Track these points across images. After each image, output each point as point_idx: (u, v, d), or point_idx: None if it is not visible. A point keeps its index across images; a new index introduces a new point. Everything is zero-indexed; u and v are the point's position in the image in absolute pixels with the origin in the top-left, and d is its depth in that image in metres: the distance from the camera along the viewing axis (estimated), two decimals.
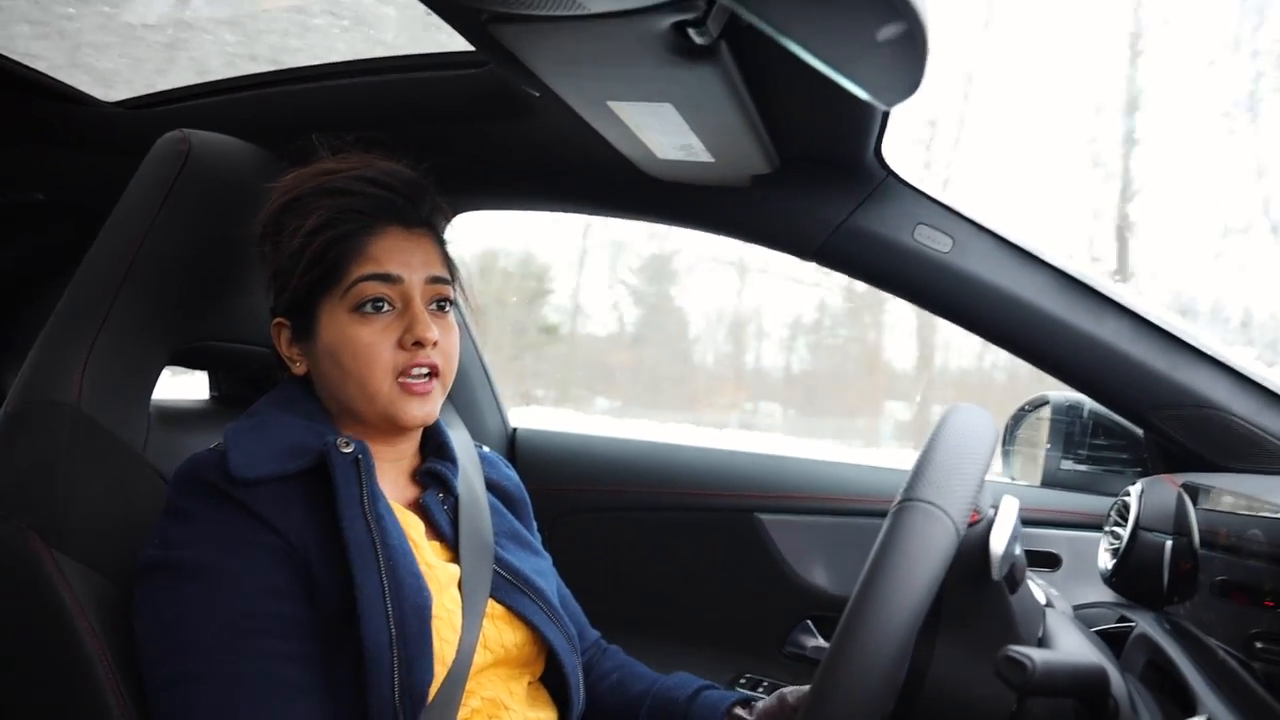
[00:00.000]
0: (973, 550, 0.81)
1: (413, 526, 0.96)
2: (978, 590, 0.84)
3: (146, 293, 1.03)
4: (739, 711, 1.03)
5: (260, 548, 0.85)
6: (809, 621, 1.55)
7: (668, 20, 0.73)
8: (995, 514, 0.83)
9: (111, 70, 1.39)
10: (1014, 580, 0.85)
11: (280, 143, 1.12)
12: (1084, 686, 0.74)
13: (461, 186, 1.41)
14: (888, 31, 0.48)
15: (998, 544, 0.80)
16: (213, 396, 1.36)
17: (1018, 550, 0.85)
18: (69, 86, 1.38)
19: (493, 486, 1.11)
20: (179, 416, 1.14)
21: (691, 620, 1.63)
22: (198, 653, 0.81)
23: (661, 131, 1.00)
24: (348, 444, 0.91)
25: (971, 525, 0.82)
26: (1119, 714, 0.78)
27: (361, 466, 0.90)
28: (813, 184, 1.23)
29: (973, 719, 0.83)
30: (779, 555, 1.56)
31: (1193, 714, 0.78)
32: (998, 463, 1.65)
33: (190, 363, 1.22)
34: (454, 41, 0.95)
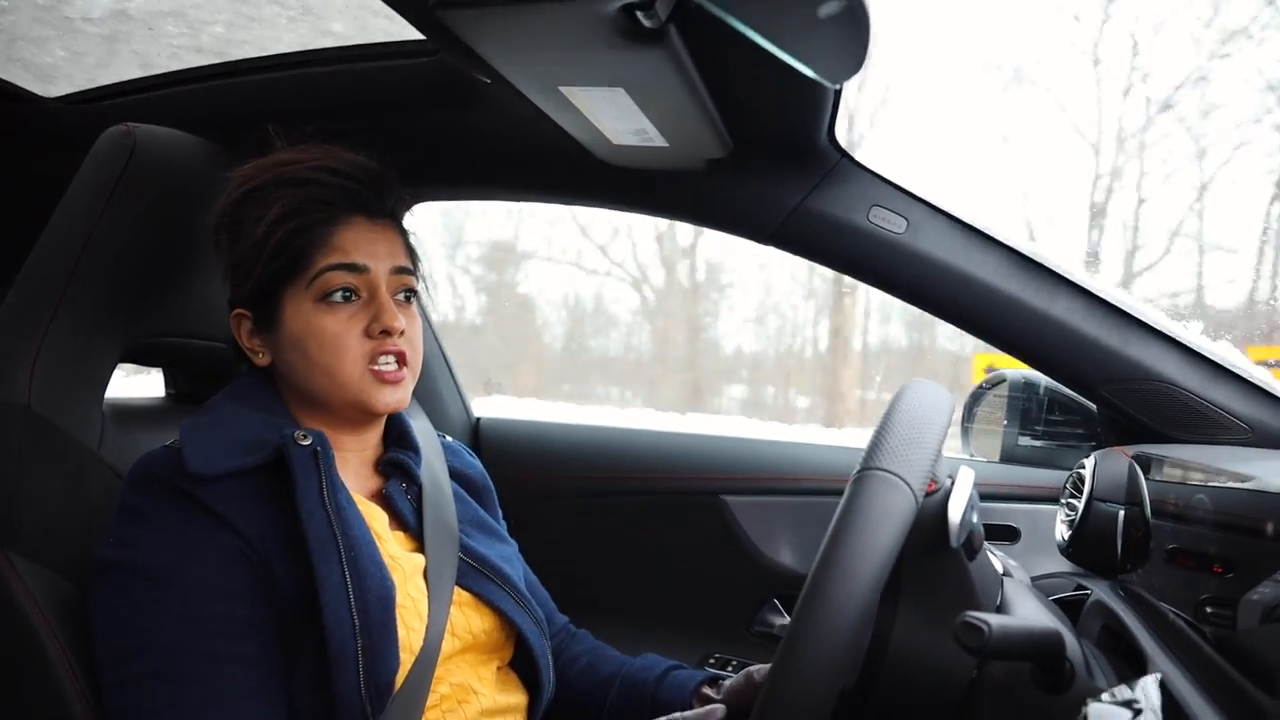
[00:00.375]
0: (931, 519, 0.83)
1: (375, 519, 0.96)
2: (937, 558, 0.86)
3: (95, 289, 1.02)
4: (706, 690, 1.05)
5: (216, 548, 0.85)
6: (776, 601, 1.56)
7: (616, 3, 0.73)
8: (952, 484, 0.85)
9: (50, 65, 1.36)
10: (972, 548, 0.87)
11: (229, 136, 1.11)
12: (1040, 650, 0.76)
13: (415, 176, 1.39)
14: (829, 8, 0.49)
15: (955, 512, 0.82)
16: (168, 394, 1.34)
17: (975, 519, 0.87)
18: (6, 82, 1.35)
19: (456, 475, 1.11)
20: (134, 414, 1.13)
21: (659, 603, 1.64)
22: (150, 655, 0.81)
23: (615, 116, 1.00)
24: (305, 436, 0.91)
25: (929, 494, 0.83)
26: (1075, 676, 0.80)
27: (320, 458, 0.90)
28: (767, 167, 1.24)
29: (935, 684, 0.84)
30: (744, 536, 1.57)
31: (1145, 675, 0.80)
32: (958, 440, 1.68)
33: (144, 360, 1.20)
34: (403, 30, 0.95)
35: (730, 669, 1.50)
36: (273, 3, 1.12)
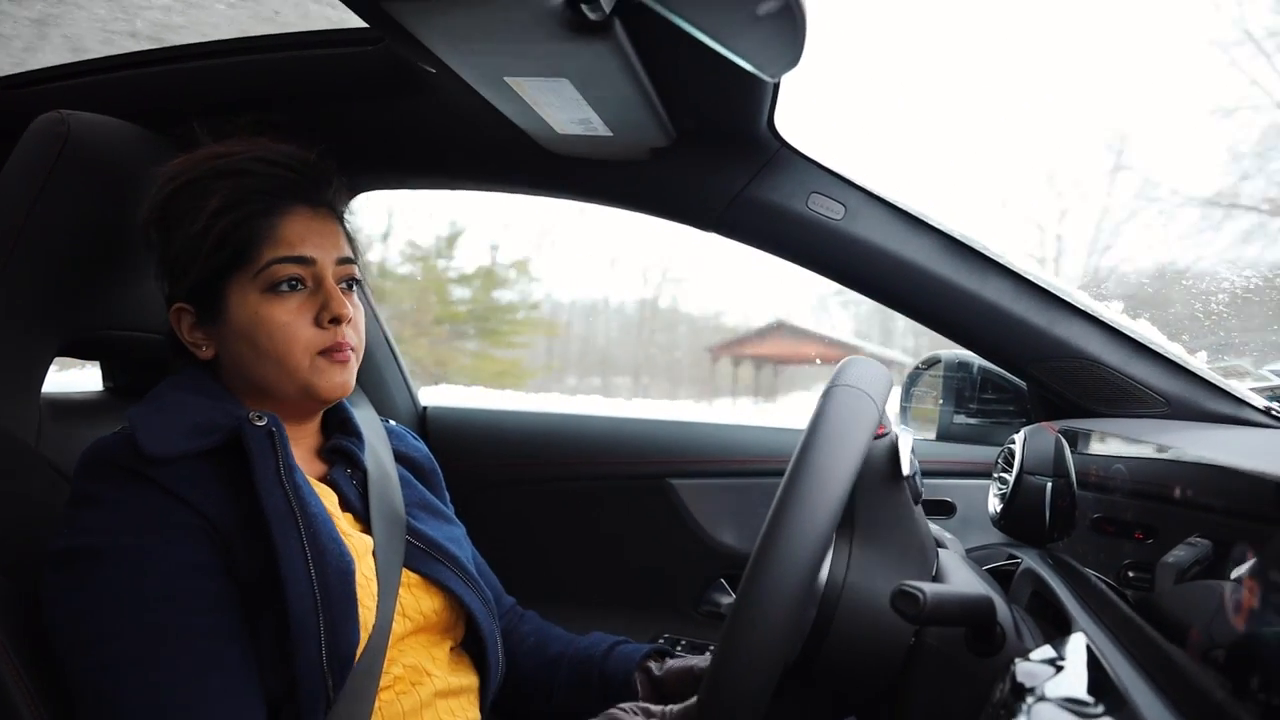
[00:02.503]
0: (882, 459, 0.89)
1: (327, 498, 0.97)
2: (890, 495, 0.92)
3: (28, 281, 1.00)
4: (649, 664, 1.09)
5: (176, 526, 0.84)
6: (722, 580, 1.60)
7: None
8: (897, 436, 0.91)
9: None
10: (916, 492, 0.92)
11: (166, 124, 1.09)
12: (972, 615, 0.80)
13: (359, 166, 1.39)
14: (767, 6, 0.51)
15: (905, 446, 0.88)
16: (107, 387, 1.32)
17: (917, 469, 0.93)
18: None
19: (402, 459, 1.12)
20: (73, 409, 1.11)
21: (608, 585, 1.67)
22: (121, 637, 0.80)
23: (559, 106, 1.02)
24: (261, 417, 0.92)
25: (879, 437, 0.89)
26: (1005, 639, 0.84)
27: (276, 439, 0.91)
28: (709, 156, 1.26)
29: (876, 651, 0.88)
30: (690, 518, 1.60)
31: (1069, 636, 0.85)
32: (896, 419, 1.73)
33: (81, 353, 1.18)
34: (347, 18, 0.94)
35: (680, 648, 1.53)
36: None
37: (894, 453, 0.88)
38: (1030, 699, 0.63)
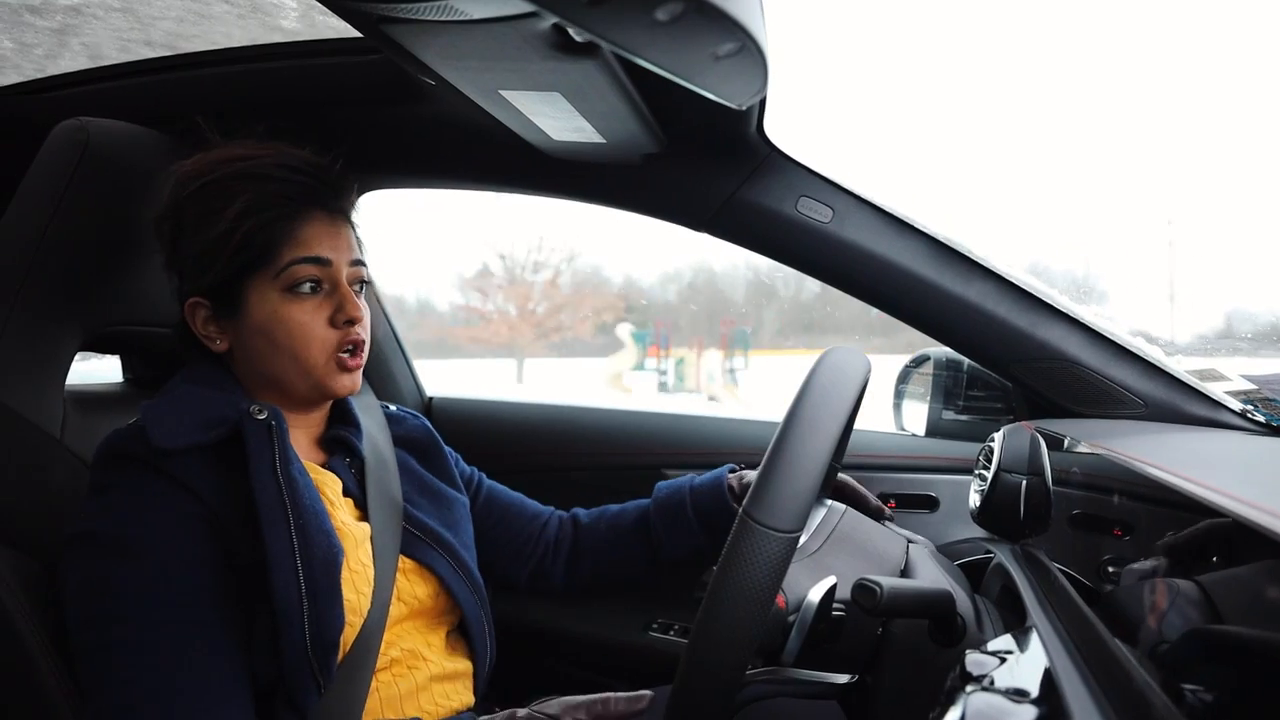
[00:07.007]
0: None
1: (329, 485, 1.00)
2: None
3: (53, 280, 1.05)
4: (730, 479, 1.22)
5: (182, 515, 0.89)
6: (714, 567, 1.64)
7: (549, 20, 0.78)
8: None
9: None
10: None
11: (179, 128, 1.13)
12: (929, 608, 0.85)
13: (363, 168, 1.43)
14: (726, 49, 0.55)
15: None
16: (126, 379, 1.37)
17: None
18: None
19: (402, 441, 1.16)
20: (95, 401, 1.16)
21: None
22: (122, 620, 0.84)
23: (553, 116, 1.05)
24: (261, 411, 0.95)
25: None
26: (966, 631, 0.89)
27: (275, 432, 0.94)
28: (701, 161, 1.29)
29: (854, 632, 0.93)
30: None
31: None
32: (889, 414, 1.77)
33: (103, 347, 1.23)
34: (351, 29, 0.98)
35: (673, 633, 1.58)
36: (224, 0, 1.14)
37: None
38: (972, 687, 0.67)
